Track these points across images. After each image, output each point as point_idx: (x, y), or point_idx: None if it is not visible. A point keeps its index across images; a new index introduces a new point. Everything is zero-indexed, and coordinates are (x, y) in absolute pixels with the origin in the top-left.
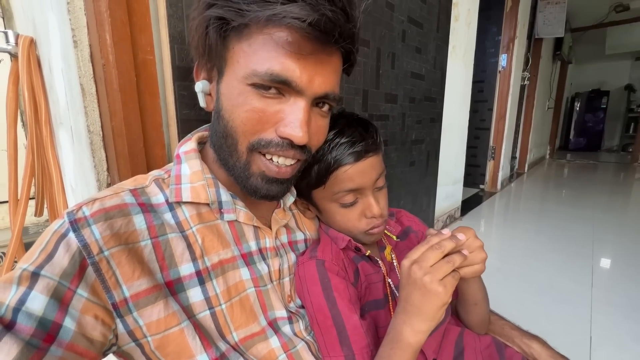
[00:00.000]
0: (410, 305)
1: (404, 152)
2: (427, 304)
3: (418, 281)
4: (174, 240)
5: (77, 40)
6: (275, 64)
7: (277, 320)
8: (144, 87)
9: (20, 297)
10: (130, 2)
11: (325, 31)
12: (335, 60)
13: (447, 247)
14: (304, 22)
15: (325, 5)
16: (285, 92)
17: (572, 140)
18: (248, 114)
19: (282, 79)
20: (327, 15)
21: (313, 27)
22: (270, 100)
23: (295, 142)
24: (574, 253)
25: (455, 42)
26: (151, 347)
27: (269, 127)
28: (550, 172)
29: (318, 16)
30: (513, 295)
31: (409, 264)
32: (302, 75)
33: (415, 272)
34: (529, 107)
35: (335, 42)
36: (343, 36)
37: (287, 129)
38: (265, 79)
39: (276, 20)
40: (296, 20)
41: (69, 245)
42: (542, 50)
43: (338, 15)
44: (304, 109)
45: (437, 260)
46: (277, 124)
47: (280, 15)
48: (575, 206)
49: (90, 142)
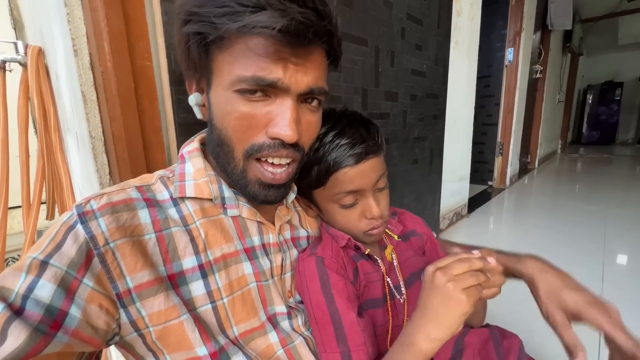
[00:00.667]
0: (429, 311)
1: (406, 150)
2: (448, 310)
3: (441, 287)
4: (177, 234)
5: (77, 49)
6: (258, 69)
7: (277, 315)
8: (143, 92)
9: (29, 284)
10: (127, 11)
11: (297, 34)
12: (317, 56)
13: (475, 265)
14: (274, 29)
15: (294, 8)
16: (271, 94)
17: (584, 134)
18: (238, 121)
19: (267, 81)
20: (296, 18)
21: (284, 33)
22: (257, 104)
23: (285, 141)
24: (585, 249)
25: (458, 37)
26: (152, 338)
27: (259, 131)
28: (562, 167)
29: (287, 21)
30: (521, 292)
31: (434, 270)
32: (285, 75)
33: (439, 278)
34: (538, 101)
35: (310, 42)
36: (318, 34)
37: (275, 129)
38: (251, 83)
39: (246, 31)
40: (265, 29)
41: (76, 236)
42: (551, 43)
43: (309, 15)
44: (290, 107)
45: (463, 272)
46: (267, 126)
47: (250, 26)
48: (587, 201)
49: (92, 147)
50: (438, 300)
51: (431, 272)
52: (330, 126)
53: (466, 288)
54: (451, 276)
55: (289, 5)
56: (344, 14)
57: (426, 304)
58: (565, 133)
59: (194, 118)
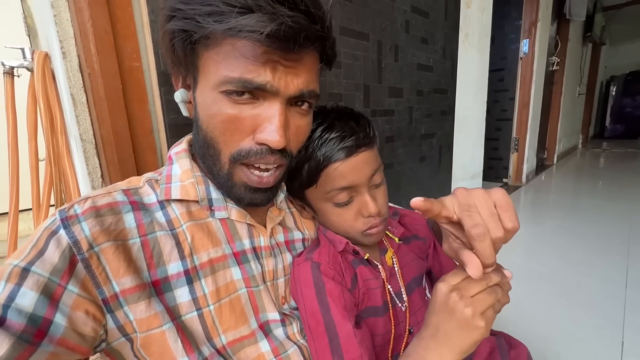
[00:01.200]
0: (442, 334)
1: (412, 147)
2: (464, 337)
3: (458, 312)
4: (162, 238)
5: (65, 51)
6: (245, 71)
7: (269, 323)
8: (132, 94)
9: (9, 294)
10: (114, 11)
11: (287, 39)
12: (309, 59)
13: (493, 280)
14: (262, 34)
15: (284, 12)
16: (259, 96)
17: (608, 128)
18: (224, 124)
19: (255, 84)
20: (286, 23)
21: (272, 38)
22: (244, 106)
23: (272, 147)
24: (607, 250)
25: (468, 29)
26: (137, 345)
27: (246, 135)
28: (583, 163)
29: (276, 26)
30: (537, 295)
31: (448, 290)
32: (274, 78)
33: (455, 301)
34: (556, 94)
35: (301, 47)
36: (310, 39)
37: (263, 135)
38: (238, 85)
39: (233, 34)
40: (253, 34)
41: (59, 241)
42: (569, 33)
43: (300, 19)
44: (279, 112)
45: (480, 290)
46: (255, 130)
47: (236, 29)
48: (610, 199)
49: (84, 150)
50: (453, 326)
51: (445, 291)
52: (319, 122)
53: (484, 311)
54: (469, 300)
55: (279, 8)
56: (343, 8)
57: (439, 326)
58: (586, 127)
59: (185, 119)
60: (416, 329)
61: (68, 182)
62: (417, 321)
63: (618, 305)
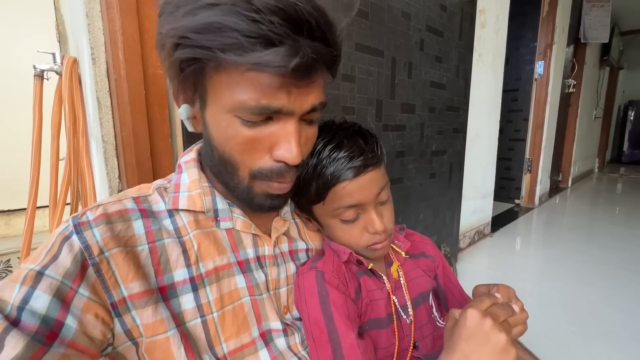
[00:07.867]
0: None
1: (423, 163)
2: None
3: (493, 337)
4: (170, 245)
5: (95, 57)
6: (261, 96)
7: (272, 332)
8: (154, 99)
9: (24, 296)
10: (142, 22)
11: (307, 68)
12: (319, 77)
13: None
14: (287, 68)
15: (304, 43)
16: (274, 117)
17: (625, 153)
18: (242, 146)
19: (272, 109)
20: (307, 54)
21: (294, 70)
22: (260, 127)
23: (290, 163)
24: (624, 278)
25: (482, 49)
26: (142, 349)
27: (265, 153)
28: (599, 187)
29: (299, 59)
30: (549, 323)
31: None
32: (289, 101)
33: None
34: (572, 117)
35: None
36: (325, 62)
37: (281, 152)
38: (255, 112)
39: (258, 69)
40: (279, 69)
41: (71, 246)
42: (586, 56)
43: (318, 48)
44: (295, 129)
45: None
46: (272, 148)
47: (261, 64)
48: (629, 226)
49: (104, 151)
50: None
51: (478, 316)
52: (327, 139)
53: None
54: (501, 325)
55: (299, 38)
56: (360, 25)
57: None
58: (603, 151)
59: None
60: (421, 344)
61: (85, 181)
62: (422, 336)
63: (635, 337)
